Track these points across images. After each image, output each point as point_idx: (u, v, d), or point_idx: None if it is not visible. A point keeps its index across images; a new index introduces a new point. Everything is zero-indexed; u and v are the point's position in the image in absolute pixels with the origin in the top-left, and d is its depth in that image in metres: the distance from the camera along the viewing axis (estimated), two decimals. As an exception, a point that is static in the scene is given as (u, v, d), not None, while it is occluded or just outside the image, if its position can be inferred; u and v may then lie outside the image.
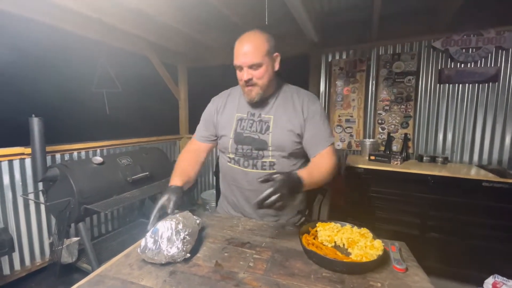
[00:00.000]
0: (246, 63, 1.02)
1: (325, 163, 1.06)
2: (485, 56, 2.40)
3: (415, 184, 2.16)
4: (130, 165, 2.31)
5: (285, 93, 1.16)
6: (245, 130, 1.14)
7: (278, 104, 1.14)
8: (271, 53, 1.07)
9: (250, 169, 1.14)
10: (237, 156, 1.16)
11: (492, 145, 2.46)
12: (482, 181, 1.96)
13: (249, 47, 1.01)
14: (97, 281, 0.72)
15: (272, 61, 1.08)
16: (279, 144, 1.10)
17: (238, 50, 1.04)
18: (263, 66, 1.03)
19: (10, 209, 2.03)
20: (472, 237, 2.02)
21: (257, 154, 1.12)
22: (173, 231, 0.80)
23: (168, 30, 2.67)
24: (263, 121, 1.12)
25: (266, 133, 1.10)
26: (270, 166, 1.12)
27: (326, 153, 1.09)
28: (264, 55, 1.03)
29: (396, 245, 0.88)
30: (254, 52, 1.01)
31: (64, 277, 2.07)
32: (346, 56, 2.97)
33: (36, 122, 1.80)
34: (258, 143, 1.11)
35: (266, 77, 1.06)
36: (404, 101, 2.73)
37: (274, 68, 1.10)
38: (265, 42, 1.04)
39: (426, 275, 0.74)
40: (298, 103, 1.13)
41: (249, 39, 1.03)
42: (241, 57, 1.03)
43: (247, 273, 0.75)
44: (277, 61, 1.10)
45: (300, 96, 1.15)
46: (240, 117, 1.16)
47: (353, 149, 3.02)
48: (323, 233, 0.90)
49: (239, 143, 1.14)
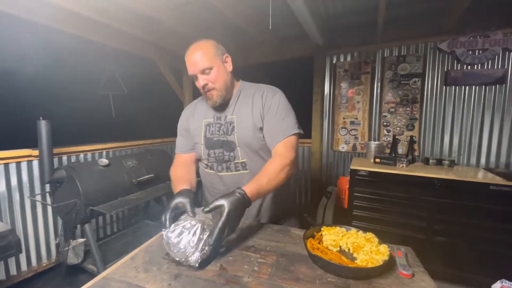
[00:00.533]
0: (197, 69, 1.05)
1: (274, 162, 1.03)
2: (492, 58, 2.37)
3: (421, 187, 2.13)
4: (135, 167, 2.33)
5: (246, 91, 1.17)
6: (214, 134, 1.15)
7: (240, 103, 1.15)
8: (220, 55, 1.09)
9: (224, 173, 1.16)
10: (210, 162, 1.18)
11: (500, 148, 2.42)
12: (490, 185, 1.94)
13: (196, 55, 1.04)
14: (103, 284, 0.73)
15: (223, 63, 1.10)
16: (245, 141, 1.11)
17: (188, 61, 1.06)
18: (214, 68, 1.06)
19: (17, 211, 2.06)
20: (479, 241, 1.99)
21: (229, 156, 1.13)
22: (198, 237, 0.80)
23: (174, 34, 2.70)
24: (228, 122, 1.13)
25: (232, 133, 1.12)
26: (243, 166, 1.13)
27: (279, 148, 1.07)
28: (212, 57, 1.05)
29: (402, 250, 0.87)
30: (202, 57, 1.04)
31: (70, 278, 2.09)
32: (350, 58, 2.96)
33: (44, 125, 1.83)
34: (227, 145, 1.13)
35: (221, 78, 1.08)
36: (409, 103, 2.71)
37: (227, 69, 1.12)
38: (210, 46, 1.07)
39: (433, 281, 0.73)
40: (258, 98, 1.13)
41: (195, 48, 1.06)
42: (192, 66, 1.05)
43: (251, 277, 0.75)
44: (229, 62, 1.12)
45: (259, 91, 1.14)
46: (207, 123, 1.18)
47: (358, 152, 3.00)
48: (328, 238, 0.89)
49: (210, 148, 1.15)
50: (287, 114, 1.10)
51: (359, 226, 0.94)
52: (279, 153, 1.06)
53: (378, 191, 2.29)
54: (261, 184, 0.95)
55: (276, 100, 1.11)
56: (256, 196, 0.92)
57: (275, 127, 1.09)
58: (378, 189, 2.29)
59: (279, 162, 1.02)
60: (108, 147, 2.73)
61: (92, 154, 2.59)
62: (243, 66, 3.26)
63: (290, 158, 1.04)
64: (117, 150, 2.84)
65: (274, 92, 1.14)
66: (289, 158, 1.04)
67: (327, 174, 3.21)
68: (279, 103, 1.10)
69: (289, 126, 1.08)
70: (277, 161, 1.03)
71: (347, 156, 3.08)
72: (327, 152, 3.18)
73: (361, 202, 2.35)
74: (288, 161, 1.03)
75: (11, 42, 2.38)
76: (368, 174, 2.30)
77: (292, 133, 1.08)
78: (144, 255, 0.87)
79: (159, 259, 0.85)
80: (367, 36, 2.79)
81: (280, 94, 1.14)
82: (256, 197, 0.92)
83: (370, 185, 2.31)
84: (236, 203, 0.84)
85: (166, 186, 2.50)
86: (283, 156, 1.04)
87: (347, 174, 2.74)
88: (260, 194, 0.94)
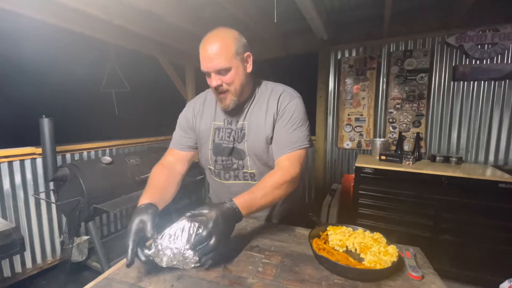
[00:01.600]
0: (212, 68, 0.90)
1: (274, 176, 0.91)
2: (501, 52, 2.31)
3: (428, 185, 2.09)
4: (138, 165, 2.32)
5: (262, 95, 1.04)
6: (223, 140, 1.04)
7: (254, 108, 1.02)
8: (241, 54, 0.94)
9: (232, 181, 1.07)
10: (216, 169, 1.08)
11: (509, 145, 2.37)
12: (498, 182, 1.90)
13: (214, 50, 0.88)
14: (104, 285, 0.71)
15: (243, 63, 0.96)
16: (255, 152, 1.01)
17: (203, 53, 0.90)
18: (232, 70, 0.91)
19: (22, 208, 2.07)
20: (487, 240, 1.95)
21: (237, 164, 1.04)
22: (188, 233, 0.77)
23: (176, 30, 2.67)
24: (239, 128, 1.02)
25: (243, 141, 1.02)
26: (251, 177, 1.05)
27: (283, 161, 0.96)
28: (232, 57, 0.90)
29: (411, 251, 0.84)
30: (221, 56, 0.88)
31: (74, 275, 2.10)
32: (356, 54, 2.91)
33: (47, 123, 1.83)
34: (237, 153, 1.03)
35: (238, 81, 0.94)
36: (416, 99, 2.66)
37: (246, 70, 0.97)
38: (232, 41, 0.91)
39: (444, 284, 0.71)
40: (273, 102, 1.00)
41: (214, 40, 0.89)
42: (206, 62, 0.90)
43: (256, 279, 0.73)
44: (249, 62, 0.98)
45: (276, 94, 1.01)
46: (217, 126, 1.06)
47: (363, 149, 2.96)
48: (334, 237, 0.87)
49: (218, 154, 1.06)
50: (300, 124, 0.98)
51: (364, 224, 0.92)
52: (281, 167, 0.95)
53: (384, 189, 2.26)
54: (255, 198, 0.84)
55: (292, 107, 0.98)
56: (247, 210, 0.82)
57: (283, 137, 0.98)
58: (383, 187, 2.26)
59: (280, 176, 0.91)
60: (111, 145, 2.73)
61: (96, 152, 2.59)
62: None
63: (292, 175, 0.93)
64: (120, 148, 2.83)
65: (291, 97, 1.00)
66: (292, 174, 0.93)
67: (332, 171, 3.18)
68: (294, 111, 0.98)
69: (299, 139, 0.97)
70: (277, 175, 0.92)
71: (352, 153, 3.04)
72: (331, 149, 3.15)
73: (367, 200, 2.32)
74: (290, 177, 0.92)
75: (13, 40, 2.38)
76: (373, 172, 2.27)
77: (301, 147, 0.97)
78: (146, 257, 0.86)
79: (161, 259, 0.83)
80: (373, 31, 2.74)
81: (297, 100, 1.01)
82: (247, 212, 0.82)
83: (375, 183, 2.28)
84: (225, 215, 0.76)
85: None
86: (286, 171, 0.93)
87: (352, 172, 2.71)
88: (252, 208, 0.83)
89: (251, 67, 0.99)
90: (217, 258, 0.80)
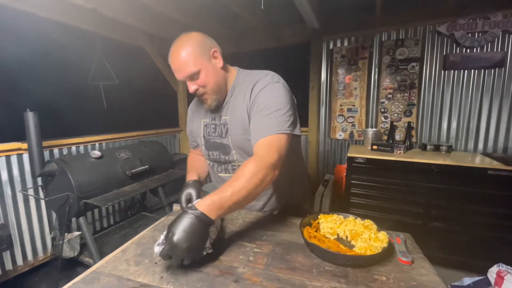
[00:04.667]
0: (182, 76, 0.92)
1: (246, 166, 0.82)
2: (491, 40, 2.32)
3: (419, 173, 2.12)
4: (129, 159, 2.28)
5: (240, 86, 1.01)
6: (211, 135, 1.09)
7: (233, 102, 1.02)
8: (207, 52, 0.93)
9: (223, 174, 1.12)
10: (211, 162, 1.15)
11: (498, 133, 2.41)
12: (487, 169, 1.93)
13: (179, 59, 0.90)
14: (92, 278, 0.70)
15: (211, 60, 0.95)
16: (239, 145, 1.02)
17: (172, 66, 0.94)
18: (202, 71, 0.92)
19: (10, 205, 2.02)
20: (477, 226, 2.00)
21: (224, 159, 1.07)
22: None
23: (164, 19, 2.60)
24: (222, 124, 1.04)
25: (227, 136, 1.03)
26: None
27: (258, 148, 0.88)
28: (197, 59, 0.90)
29: (401, 237, 0.85)
30: (185, 62, 0.90)
31: (66, 271, 2.08)
32: (348, 43, 2.89)
33: (31, 117, 1.77)
34: (223, 148, 1.06)
35: (211, 80, 0.95)
36: (407, 89, 2.67)
37: (217, 66, 0.97)
38: (193, 45, 0.91)
39: (433, 268, 0.71)
40: (248, 93, 0.97)
41: (177, 50, 0.91)
42: (177, 73, 0.93)
43: (247, 268, 0.72)
44: (218, 57, 0.96)
45: (250, 84, 0.97)
46: (206, 123, 1.11)
47: (355, 139, 2.97)
48: (325, 225, 0.87)
49: (209, 149, 1.11)
50: (275, 109, 0.89)
51: (357, 213, 0.92)
52: (255, 154, 0.87)
53: (376, 178, 2.28)
54: (224, 197, 0.75)
55: (265, 92, 0.92)
56: (218, 211, 0.74)
57: (257, 123, 0.92)
58: (375, 176, 2.28)
59: (253, 166, 0.81)
60: (101, 139, 2.67)
61: (85, 146, 2.53)
62: (236, 53, 3.18)
63: (268, 161, 0.83)
64: (110, 142, 2.78)
65: (266, 83, 0.94)
66: (267, 161, 0.83)
67: (324, 162, 3.19)
68: (269, 96, 0.92)
69: (275, 123, 0.88)
70: (249, 165, 0.82)
71: (344, 144, 3.05)
72: (324, 140, 3.15)
73: (359, 189, 2.34)
74: (265, 164, 0.82)
75: (-6, 31, 2.28)
76: (365, 161, 2.28)
77: (277, 132, 0.87)
78: (135, 248, 0.84)
79: (151, 251, 0.82)
80: (365, 20, 2.72)
81: (275, 85, 0.94)
82: (220, 212, 0.75)
83: (367, 173, 2.29)
84: (183, 226, 0.69)
85: (161, 178, 2.46)
86: (259, 159, 0.83)
87: (344, 162, 2.72)
88: (224, 207, 0.75)
89: (221, 61, 0.98)
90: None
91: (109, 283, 0.67)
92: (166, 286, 0.65)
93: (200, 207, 0.72)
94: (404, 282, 0.66)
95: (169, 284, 0.66)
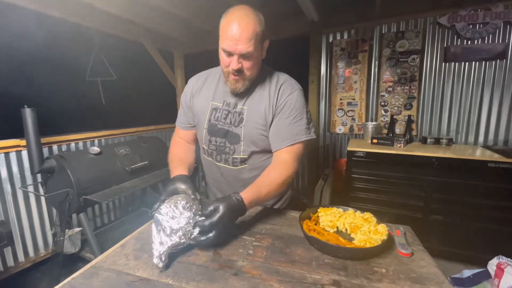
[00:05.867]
0: (238, 50, 0.86)
1: (278, 172, 0.93)
2: (492, 32, 2.30)
3: (419, 166, 2.11)
4: (128, 155, 2.27)
5: (265, 82, 1.02)
6: (219, 121, 1.03)
7: (255, 94, 1.01)
8: (263, 41, 0.93)
9: (222, 164, 1.08)
10: (210, 149, 1.09)
11: (498, 125, 2.40)
12: (488, 162, 1.92)
13: (244, 33, 0.84)
14: (91, 273, 0.70)
15: (262, 50, 0.95)
16: (251, 139, 1.01)
17: (230, 32, 0.85)
18: (255, 56, 0.90)
19: (10, 202, 2.02)
20: (477, 219, 2.00)
21: (229, 148, 1.04)
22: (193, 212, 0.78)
23: (162, 14, 2.57)
24: (238, 112, 1.01)
25: (240, 126, 1.00)
26: (242, 162, 1.05)
27: (284, 154, 0.97)
28: (258, 43, 0.89)
29: (401, 229, 0.85)
30: (250, 40, 0.85)
31: (68, 267, 2.08)
32: (347, 36, 2.86)
33: (29, 113, 1.75)
34: (231, 137, 1.02)
35: (255, 68, 0.94)
36: (408, 82, 2.64)
37: (263, 56, 0.98)
38: (258, 26, 0.87)
39: (433, 260, 0.71)
40: (274, 93, 0.99)
41: (244, 22, 0.85)
42: (233, 43, 0.85)
43: (246, 261, 0.72)
44: (265, 48, 0.97)
45: (278, 85, 1.00)
46: (215, 106, 1.05)
47: (355, 133, 2.96)
48: (325, 219, 0.87)
49: (212, 135, 1.05)
50: (300, 117, 0.98)
51: (357, 207, 0.91)
52: (283, 161, 0.96)
53: (376, 172, 2.28)
54: (260, 195, 0.86)
55: (292, 99, 0.98)
56: (252, 204, 0.85)
57: (284, 129, 0.97)
58: (375, 170, 2.27)
59: (283, 172, 0.93)
60: (100, 135, 2.66)
61: (84, 142, 2.52)
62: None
63: (293, 170, 0.96)
64: (109, 138, 2.77)
65: (293, 88, 1.00)
66: (293, 170, 0.96)
67: (324, 156, 3.19)
68: (295, 103, 0.98)
69: (300, 131, 0.98)
70: (280, 170, 0.94)
71: (344, 138, 3.04)
72: (324, 134, 3.14)
73: (359, 183, 2.34)
74: (291, 172, 0.95)
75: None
76: (365, 155, 2.28)
77: (301, 140, 0.98)
78: (135, 242, 0.84)
79: (150, 246, 0.82)
80: (364, 12, 2.68)
81: (299, 92, 1.00)
82: (251, 206, 0.85)
83: (367, 166, 2.29)
84: (231, 209, 0.77)
85: (161, 173, 2.46)
86: (288, 166, 0.95)
87: (344, 156, 2.72)
88: (257, 203, 0.88)
89: (265, 54, 0.99)
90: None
91: (108, 278, 0.67)
92: (165, 280, 0.65)
93: (245, 199, 0.81)
94: (403, 274, 0.65)
95: (168, 278, 0.66)
